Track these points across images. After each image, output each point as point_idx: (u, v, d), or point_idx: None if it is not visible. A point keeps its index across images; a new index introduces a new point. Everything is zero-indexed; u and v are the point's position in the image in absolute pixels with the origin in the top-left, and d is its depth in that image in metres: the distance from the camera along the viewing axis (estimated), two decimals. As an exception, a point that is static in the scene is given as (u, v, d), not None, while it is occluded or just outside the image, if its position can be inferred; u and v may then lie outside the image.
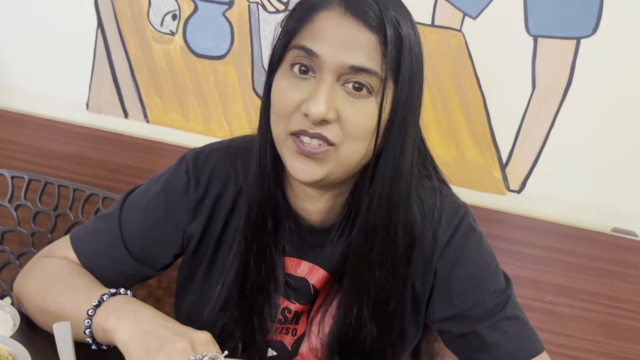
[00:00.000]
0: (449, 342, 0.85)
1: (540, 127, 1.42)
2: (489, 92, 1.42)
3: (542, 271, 1.43)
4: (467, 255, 0.81)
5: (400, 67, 0.69)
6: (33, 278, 0.84)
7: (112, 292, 0.75)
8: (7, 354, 0.66)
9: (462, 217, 0.83)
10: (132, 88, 1.58)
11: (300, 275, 0.84)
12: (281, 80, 0.72)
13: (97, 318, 0.72)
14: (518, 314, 0.82)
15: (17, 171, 1.39)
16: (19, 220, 1.40)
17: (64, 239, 0.89)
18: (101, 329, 0.71)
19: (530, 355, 0.79)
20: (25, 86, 1.64)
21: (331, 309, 0.84)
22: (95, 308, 0.73)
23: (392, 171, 0.73)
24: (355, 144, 0.71)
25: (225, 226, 0.84)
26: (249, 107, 1.53)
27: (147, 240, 0.85)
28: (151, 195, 0.85)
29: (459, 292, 0.81)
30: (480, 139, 1.45)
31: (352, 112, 0.69)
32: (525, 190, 1.47)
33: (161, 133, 1.59)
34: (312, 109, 0.68)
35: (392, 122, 0.71)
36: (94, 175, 1.56)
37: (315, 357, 0.87)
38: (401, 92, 0.70)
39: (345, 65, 0.68)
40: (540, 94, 1.40)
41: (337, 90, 0.69)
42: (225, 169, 0.84)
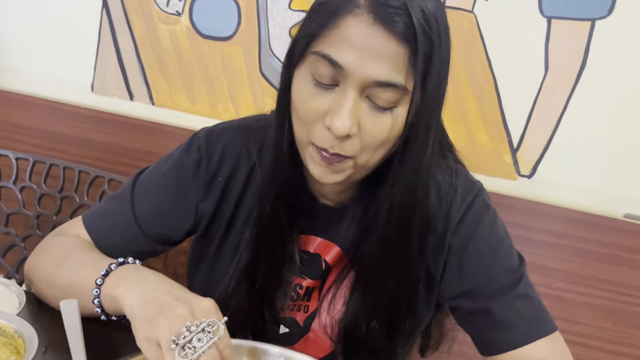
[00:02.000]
0: (460, 319, 0.84)
1: (552, 111, 1.39)
2: (501, 75, 1.39)
3: (552, 257, 1.41)
4: (480, 232, 0.81)
5: (429, 76, 0.66)
6: (44, 256, 0.83)
7: (120, 261, 0.74)
8: (13, 331, 0.65)
9: (476, 194, 0.82)
10: (138, 70, 1.56)
11: (315, 252, 0.85)
12: (303, 86, 0.69)
13: (106, 287, 0.71)
14: (531, 293, 0.81)
15: (21, 153, 1.37)
16: (24, 202, 1.39)
17: (76, 220, 0.88)
18: (109, 297, 0.70)
19: (542, 334, 0.78)
20: (29, 68, 1.62)
21: (342, 287, 0.84)
22: (103, 277, 0.72)
23: (414, 162, 0.72)
24: (373, 153, 0.71)
25: (237, 204, 0.84)
26: (256, 89, 1.51)
27: (159, 219, 0.84)
28: (163, 174, 0.84)
29: (470, 268, 0.80)
30: (491, 122, 1.43)
31: (373, 126, 0.68)
32: (536, 175, 1.45)
33: (167, 115, 1.57)
34: (336, 125, 0.66)
35: (417, 126, 0.69)
36: (99, 158, 1.55)
37: (326, 334, 0.87)
38: (428, 98, 0.68)
39: (372, 79, 0.65)
40: (553, 77, 1.37)
41: (360, 102, 0.67)
42: (237, 147, 0.84)
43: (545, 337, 0.78)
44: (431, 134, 0.71)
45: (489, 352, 0.81)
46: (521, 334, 0.78)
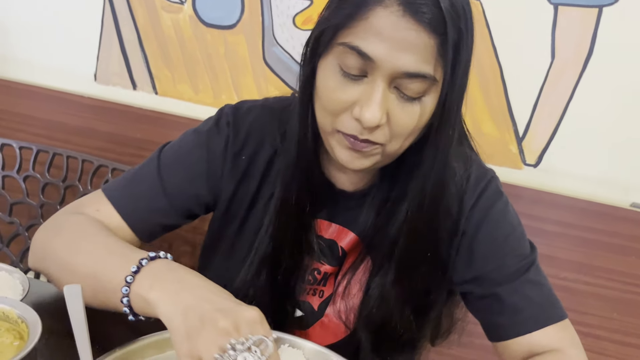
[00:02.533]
0: (470, 304, 0.84)
1: (558, 100, 1.38)
2: (507, 63, 1.38)
3: (558, 247, 1.40)
4: (492, 218, 0.81)
5: (458, 65, 0.67)
6: (58, 234, 0.76)
7: (152, 255, 0.66)
8: (17, 317, 0.65)
9: (489, 180, 0.83)
10: (141, 59, 1.55)
11: (330, 238, 0.85)
12: (329, 76, 0.69)
13: (137, 286, 0.63)
14: (541, 280, 0.81)
15: (25, 142, 1.37)
16: (27, 191, 1.38)
17: (94, 195, 0.84)
18: (142, 299, 0.63)
19: (552, 320, 0.78)
20: (32, 58, 1.61)
21: (358, 273, 0.84)
22: (134, 274, 0.64)
23: (444, 149, 0.72)
24: (402, 141, 0.71)
25: (259, 187, 0.84)
26: (260, 78, 1.50)
27: (187, 191, 0.83)
28: (191, 146, 0.83)
29: (481, 253, 0.80)
30: (497, 111, 1.42)
31: (402, 115, 0.68)
32: (542, 164, 1.44)
33: (170, 105, 1.56)
34: (366, 116, 0.66)
35: (448, 114, 0.69)
36: (102, 148, 1.54)
37: (340, 319, 0.87)
38: (456, 86, 0.68)
39: (401, 71, 0.65)
40: (560, 65, 1.36)
41: (389, 92, 0.67)
42: (262, 127, 0.84)
43: (555, 324, 0.78)
44: (458, 121, 0.72)
45: (497, 337, 0.80)
46: (530, 320, 0.77)
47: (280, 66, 1.49)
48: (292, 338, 0.76)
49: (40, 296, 0.79)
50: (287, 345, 0.75)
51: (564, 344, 0.77)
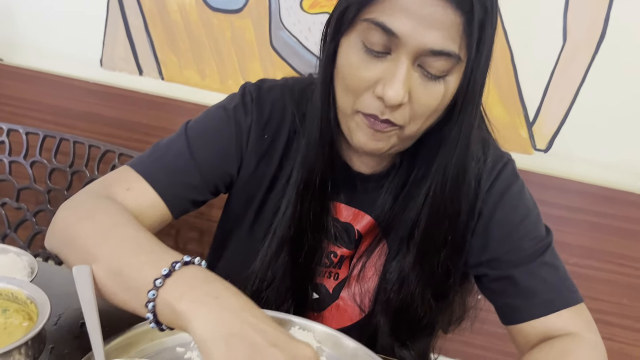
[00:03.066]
0: (485, 287, 0.83)
1: (570, 83, 1.36)
2: (517, 46, 1.36)
3: (568, 232, 1.39)
4: (508, 200, 0.80)
5: (482, 43, 0.65)
6: (83, 219, 0.68)
7: (186, 260, 0.58)
8: (25, 297, 0.64)
9: (505, 163, 0.82)
10: (147, 44, 1.54)
11: (345, 221, 0.84)
12: (352, 54, 0.68)
13: (166, 293, 0.55)
14: (557, 263, 0.79)
15: (31, 127, 1.36)
16: (34, 177, 1.38)
17: (121, 172, 0.78)
18: (170, 308, 0.54)
19: (567, 304, 0.77)
20: (38, 43, 1.60)
21: (373, 256, 0.84)
22: (164, 278, 0.55)
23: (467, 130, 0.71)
24: (422, 122, 0.70)
25: (278, 167, 0.83)
26: (267, 62, 1.49)
27: (217, 166, 0.82)
28: (218, 122, 0.82)
29: (497, 235, 0.79)
30: (507, 95, 1.40)
31: (424, 94, 0.67)
32: (552, 149, 1.42)
33: (176, 91, 1.55)
34: (389, 94, 0.65)
35: (472, 94, 0.68)
36: (109, 133, 1.54)
37: (354, 302, 0.87)
38: (481, 65, 0.67)
39: (426, 48, 0.64)
40: (571, 47, 1.34)
41: (412, 70, 0.66)
42: (283, 108, 0.83)
43: (570, 307, 0.77)
44: (479, 102, 0.71)
45: (512, 320, 0.79)
46: (546, 303, 0.76)
47: (288, 50, 1.47)
48: (303, 321, 0.75)
49: (49, 279, 0.79)
50: (297, 328, 0.74)
51: (580, 327, 0.76)
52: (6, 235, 1.37)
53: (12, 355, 0.58)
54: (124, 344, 0.66)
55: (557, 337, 0.75)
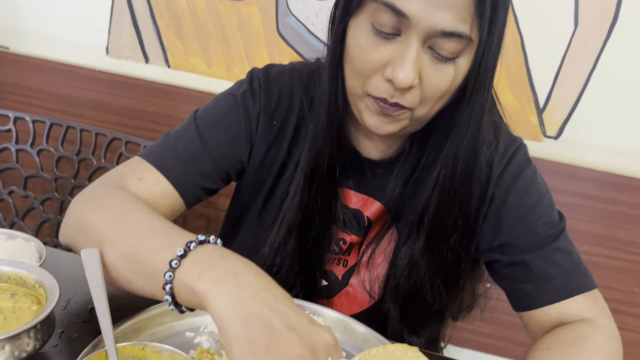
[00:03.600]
0: (496, 273, 0.82)
1: (581, 69, 1.34)
2: (527, 31, 1.34)
3: (579, 220, 1.37)
4: (520, 185, 0.79)
5: (494, 25, 0.64)
6: (97, 209, 0.67)
7: (201, 239, 0.57)
8: (34, 281, 0.64)
9: (517, 147, 0.81)
10: (153, 31, 1.53)
11: (355, 207, 0.83)
12: (361, 36, 0.66)
13: (183, 273, 0.54)
14: (570, 248, 0.78)
15: (38, 115, 1.36)
16: (41, 165, 1.38)
17: (132, 162, 0.78)
18: (188, 288, 0.54)
19: (581, 289, 0.75)
20: (43, 31, 1.59)
21: (383, 243, 0.83)
22: (179, 258, 0.55)
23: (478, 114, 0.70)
24: (432, 105, 0.69)
25: (287, 153, 0.82)
26: (273, 49, 1.48)
27: (228, 154, 0.81)
28: (227, 109, 0.81)
29: (509, 220, 0.78)
30: (516, 81, 1.38)
31: (434, 77, 0.66)
32: (562, 136, 1.40)
33: (183, 78, 1.54)
34: (399, 76, 0.64)
35: (483, 76, 0.67)
36: (115, 121, 1.53)
37: (364, 289, 0.86)
38: (492, 47, 0.65)
39: (437, 29, 0.62)
40: (583, 32, 1.32)
41: (422, 52, 0.65)
42: (291, 93, 0.82)
43: (584, 293, 0.75)
44: (491, 85, 0.70)
45: (524, 306, 0.78)
46: (559, 288, 0.75)
47: (295, 37, 1.46)
48: (314, 306, 0.74)
49: (58, 264, 0.78)
50: (307, 313, 0.73)
51: (594, 313, 0.75)
52: (14, 224, 1.37)
53: (21, 338, 0.57)
54: (133, 327, 0.66)
55: (571, 323, 0.74)
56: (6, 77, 1.56)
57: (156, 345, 0.58)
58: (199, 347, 0.67)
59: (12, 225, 1.37)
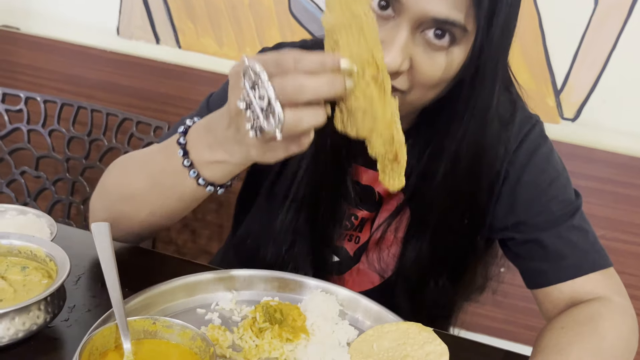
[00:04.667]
0: (511, 251, 0.81)
1: (601, 48, 1.31)
2: (545, 10, 1.31)
3: (595, 204, 1.35)
4: (536, 162, 0.77)
5: (496, 16, 0.62)
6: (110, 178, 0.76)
7: (182, 130, 0.65)
8: (45, 255, 0.63)
9: (533, 124, 0.79)
10: (164, 11, 1.51)
11: (366, 183, 0.82)
12: None
13: (199, 159, 0.62)
14: (586, 226, 0.77)
15: (49, 96, 1.35)
16: (53, 146, 1.38)
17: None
18: (210, 163, 0.61)
19: (597, 267, 0.74)
20: (54, 12, 1.58)
21: (395, 223, 0.82)
22: (185, 157, 0.63)
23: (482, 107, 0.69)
24: (425, 92, 0.67)
25: None
26: (285, 30, 1.45)
27: None
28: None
29: (524, 198, 0.77)
30: (533, 61, 1.35)
31: (427, 63, 0.64)
32: (580, 118, 1.37)
33: (194, 59, 1.53)
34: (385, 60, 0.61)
35: (484, 69, 0.65)
36: (126, 102, 1.52)
37: (374, 266, 0.85)
38: (495, 40, 0.63)
39: (429, 16, 0.61)
40: (603, 10, 1.28)
41: (415, 37, 0.63)
42: None
43: (599, 271, 0.74)
44: (498, 77, 0.67)
45: (538, 284, 0.77)
46: (574, 266, 0.74)
47: (307, 17, 1.44)
48: (326, 285, 0.73)
49: (68, 240, 0.78)
50: (320, 291, 0.72)
51: (610, 291, 0.73)
52: (26, 204, 1.37)
53: (31, 310, 0.57)
54: (144, 303, 0.65)
55: (586, 301, 0.73)
56: (17, 57, 1.56)
57: (167, 320, 0.58)
58: (210, 323, 0.66)
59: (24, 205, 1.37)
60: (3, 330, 0.55)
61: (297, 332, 0.65)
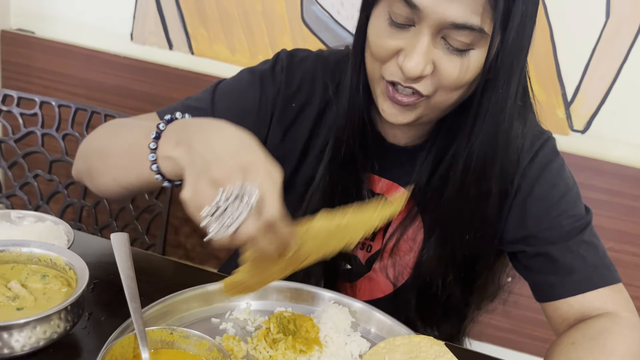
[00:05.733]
0: (520, 264, 0.81)
1: (612, 61, 1.31)
2: (557, 22, 1.31)
3: (604, 216, 1.35)
4: (547, 177, 0.78)
5: (511, 18, 0.64)
6: (99, 130, 0.79)
7: (167, 118, 0.64)
8: (64, 264, 0.65)
9: (545, 140, 0.80)
10: (177, 18, 1.53)
11: (379, 192, 0.83)
12: (378, 24, 0.69)
13: (161, 150, 0.61)
14: (596, 242, 0.77)
15: (63, 100, 1.37)
16: (66, 150, 1.39)
17: (148, 114, 0.84)
18: (168, 159, 0.61)
19: (605, 282, 0.75)
20: (69, 16, 1.60)
21: (408, 231, 0.83)
22: (155, 140, 0.62)
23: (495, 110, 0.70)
24: (449, 94, 0.69)
25: (310, 137, 0.83)
26: (297, 37, 1.47)
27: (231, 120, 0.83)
28: (245, 84, 0.84)
29: (535, 212, 0.78)
30: (544, 73, 1.35)
31: (449, 67, 0.66)
32: (590, 130, 1.37)
33: (206, 65, 1.54)
34: (407, 66, 0.65)
35: (498, 71, 0.67)
36: (139, 108, 1.53)
37: (385, 276, 0.86)
38: (509, 42, 0.65)
39: (448, 21, 0.63)
40: (615, 24, 1.29)
41: (436, 42, 0.66)
42: (314, 78, 0.83)
43: (609, 286, 0.75)
44: (513, 80, 0.69)
45: (548, 297, 0.78)
46: (584, 280, 0.75)
47: (319, 25, 1.45)
48: (339, 296, 0.74)
49: (85, 247, 0.79)
50: (332, 302, 0.73)
51: (619, 307, 0.74)
52: (39, 207, 1.39)
53: (52, 320, 0.58)
54: (160, 312, 0.66)
55: (595, 317, 0.73)
56: (32, 61, 1.58)
57: (184, 330, 0.59)
58: (224, 333, 0.67)
59: (37, 208, 1.39)
60: (25, 339, 0.56)
61: (311, 344, 0.66)
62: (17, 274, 0.64)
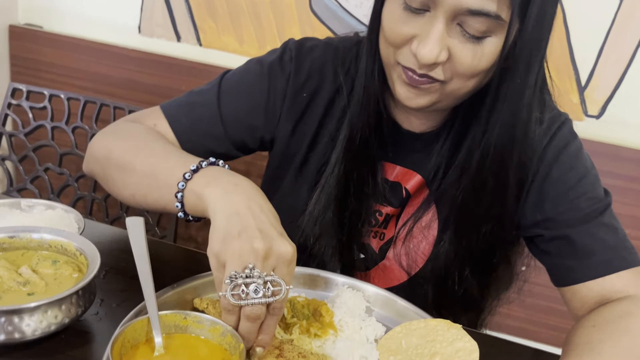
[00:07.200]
0: (538, 248, 0.80)
1: (626, 44, 1.29)
2: (570, 6, 1.29)
3: (620, 202, 1.32)
4: (565, 159, 0.76)
5: (530, 6, 0.62)
6: (119, 139, 0.76)
7: (212, 160, 0.66)
8: (75, 249, 0.64)
9: (563, 122, 0.78)
10: (185, 10, 1.52)
11: (394, 180, 0.82)
12: (393, 9, 0.68)
13: (193, 183, 0.63)
14: (616, 224, 0.76)
15: (73, 93, 1.37)
16: (76, 143, 1.39)
17: (152, 109, 0.83)
18: (195, 195, 0.62)
19: (626, 265, 0.73)
20: (76, 10, 1.60)
21: (422, 220, 0.82)
22: (192, 172, 0.64)
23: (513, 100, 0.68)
24: (465, 81, 0.68)
25: (320, 125, 0.82)
26: (306, 27, 1.45)
27: (243, 120, 0.82)
28: (253, 76, 0.82)
29: (553, 194, 0.76)
30: (557, 58, 1.33)
31: (465, 54, 0.65)
32: (605, 115, 1.35)
33: (215, 57, 1.53)
34: (421, 52, 0.64)
35: (517, 59, 0.65)
36: (147, 100, 1.53)
37: (399, 264, 0.85)
38: (529, 29, 0.63)
39: (463, 7, 0.62)
40: (629, 6, 1.26)
41: (451, 29, 0.64)
42: (324, 66, 0.82)
43: (630, 269, 0.73)
44: (532, 69, 0.67)
45: (566, 281, 0.76)
46: (604, 263, 0.73)
47: (327, 14, 1.44)
48: (353, 281, 0.73)
49: (96, 234, 0.78)
50: (347, 287, 0.72)
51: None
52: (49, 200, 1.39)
53: (63, 304, 0.57)
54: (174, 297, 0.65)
55: (616, 300, 0.72)
56: (40, 55, 1.58)
57: (197, 315, 0.58)
58: (237, 318, 0.66)
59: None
60: (36, 323, 0.56)
61: (325, 328, 0.65)
62: (27, 260, 0.64)
